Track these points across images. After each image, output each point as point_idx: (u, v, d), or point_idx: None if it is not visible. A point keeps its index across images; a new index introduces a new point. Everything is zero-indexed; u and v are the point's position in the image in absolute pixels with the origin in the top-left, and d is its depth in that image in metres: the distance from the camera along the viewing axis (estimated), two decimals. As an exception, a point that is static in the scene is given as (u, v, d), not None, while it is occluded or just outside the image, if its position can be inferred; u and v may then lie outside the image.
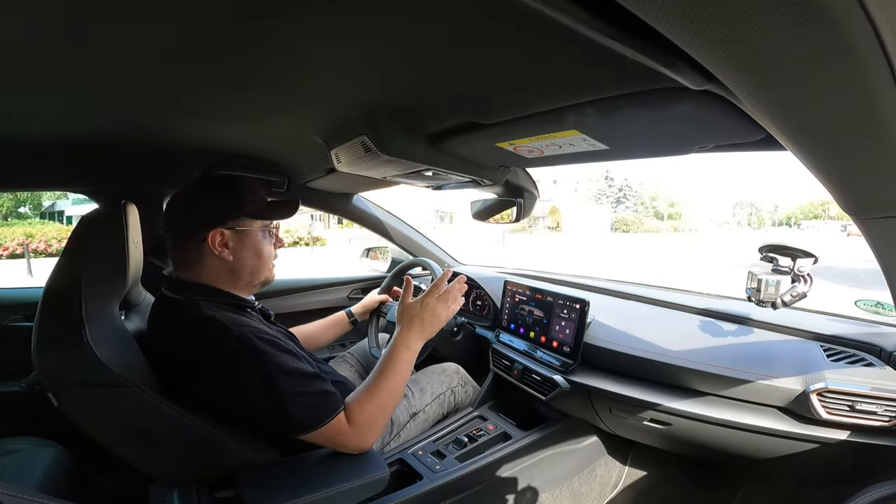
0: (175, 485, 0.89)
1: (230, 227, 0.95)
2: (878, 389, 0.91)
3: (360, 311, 1.54)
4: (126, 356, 0.86)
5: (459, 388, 1.44)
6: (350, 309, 1.54)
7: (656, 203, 58.55)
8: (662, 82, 0.53)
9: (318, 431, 0.88)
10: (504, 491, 1.29)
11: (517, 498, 1.30)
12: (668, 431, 1.14)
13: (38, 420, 1.21)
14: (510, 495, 1.29)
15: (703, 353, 1.12)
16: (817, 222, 53.46)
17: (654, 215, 56.48)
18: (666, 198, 61.46)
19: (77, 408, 0.84)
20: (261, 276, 1.01)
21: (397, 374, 0.99)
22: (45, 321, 0.83)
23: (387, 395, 0.97)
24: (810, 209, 66.08)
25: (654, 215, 56.48)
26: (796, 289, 1.02)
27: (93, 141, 1.06)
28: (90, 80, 0.69)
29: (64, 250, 0.89)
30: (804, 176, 2.30)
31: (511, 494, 1.30)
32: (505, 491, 1.29)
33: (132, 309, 1.09)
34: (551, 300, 1.39)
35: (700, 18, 0.31)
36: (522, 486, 1.32)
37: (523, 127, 0.76)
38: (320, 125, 0.95)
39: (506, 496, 1.29)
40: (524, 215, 1.39)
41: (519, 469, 1.30)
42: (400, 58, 0.59)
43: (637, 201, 52.48)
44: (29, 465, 1.07)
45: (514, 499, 1.30)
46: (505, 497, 1.29)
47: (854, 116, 0.42)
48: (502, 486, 1.28)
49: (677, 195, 63.69)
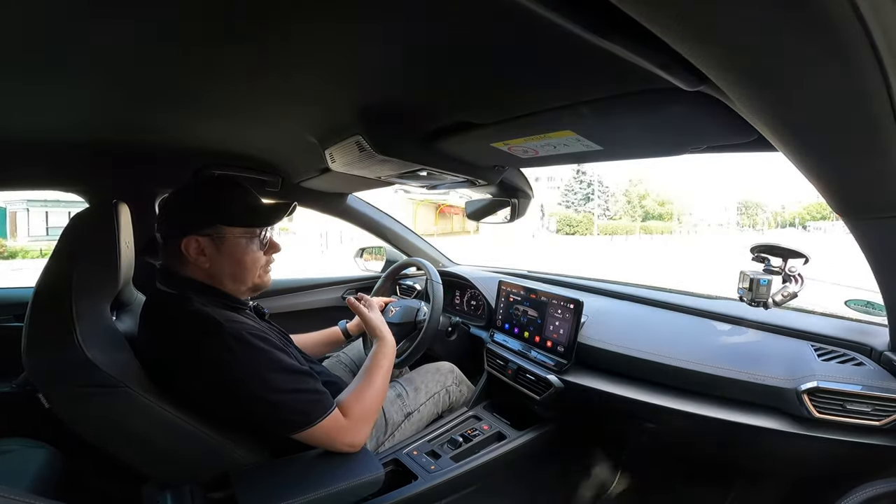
0: (168, 485, 0.89)
1: (206, 234, 0.93)
2: (869, 389, 0.92)
3: (354, 327, 1.50)
4: (117, 356, 0.85)
5: (454, 388, 1.44)
6: (345, 325, 1.50)
7: (645, 202, 56.89)
8: (656, 83, 0.53)
9: (310, 431, 0.88)
10: (499, 491, 1.29)
11: (512, 498, 1.30)
12: (662, 431, 1.14)
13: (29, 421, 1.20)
14: (505, 495, 1.30)
15: (696, 353, 1.13)
16: (825, 223, 50.53)
17: (643, 215, 54.66)
18: (656, 196, 59.06)
19: (68, 408, 0.83)
20: (246, 282, 0.99)
21: (383, 371, 1.08)
22: (36, 321, 0.82)
23: (378, 387, 1.04)
24: (818, 209, 64.60)
25: (643, 215, 54.66)
26: (787, 289, 1.03)
27: (86, 141, 1.05)
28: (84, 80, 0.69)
29: (54, 250, 0.88)
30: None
31: (506, 494, 1.30)
32: (500, 491, 1.29)
33: (123, 309, 1.08)
34: (545, 300, 1.39)
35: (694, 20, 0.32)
36: (517, 485, 1.32)
37: (518, 127, 0.77)
38: (314, 125, 0.95)
39: (500, 496, 1.29)
40: (519, 215, 1.39)
41: (514, 469, 1.31)
42: (395, 58, 0.59)
43: (609, 199, 49.84)
44: (19, 466, 1.06)
45: (508, 499, 1.30)
46: (500, 497, 1.29)
47: (845, 118, 0.42)
48: (497, 486, 1.28)
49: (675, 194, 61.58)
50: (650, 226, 48.61)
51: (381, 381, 1.06)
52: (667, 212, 58.54)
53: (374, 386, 1.03)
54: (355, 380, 1.05)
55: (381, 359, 1.10)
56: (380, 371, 1.07)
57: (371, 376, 1.05)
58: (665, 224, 53.04)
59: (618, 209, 52.89)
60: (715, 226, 62.33)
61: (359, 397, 0.99)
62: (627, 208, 54.34)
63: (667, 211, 58.76)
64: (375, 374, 1.06)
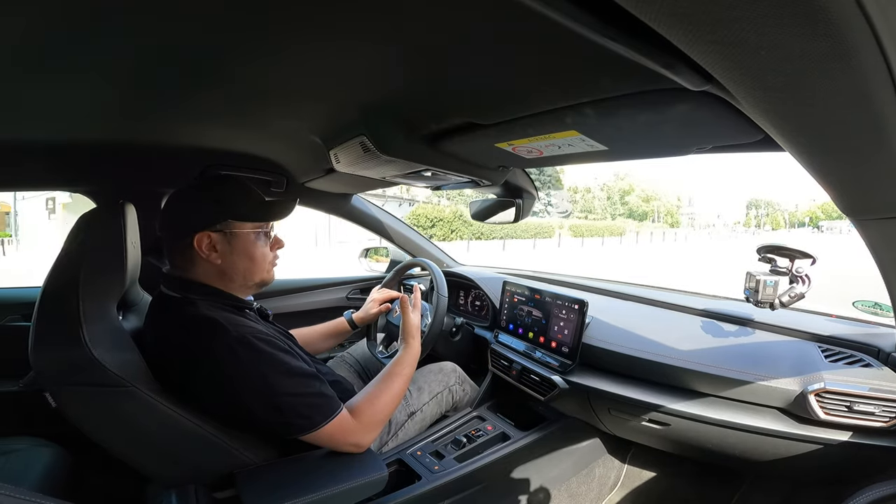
0: (173, 485, 0.89)
1: (218, 230, 0.94)
2: (876, 390, 0.91)
3: (360, 318, 1.49)
4: (124, 356, 0.86)
5: (457, 387, 1.44)
6: (350, 315, 1.49)
7: (628, 199, 53.66)
8: (661, 83, 0.53)
9: (317, 433, 0.88)
10: (503, 491, 1.29)
11: (516, 498, 1.30)
12: (667, 432, 1.14)
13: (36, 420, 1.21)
14: (509, 496, 1.29)
15: (702, 354, 1.12)
16: (841, 223, 45.64)
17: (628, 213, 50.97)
18: (641, 192, 55.26)
19: (75, 408, 0.84)
20: (255, 278, 1.00)
21: (403, 379, 1.08)
22: (43, 321, 0.83)
23: (392, 395, 1.04)
24: (833, 208, 61.85)
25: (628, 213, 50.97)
26: (794, 289, 1.02)
27: (92, 141, 1.06)
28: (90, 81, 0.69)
29: (62, 250, 0.89)
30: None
31: (510, 495, 1.30)
32: (504, 491, 1.29)
33: (130, 309, 1.09)
34: (550, 301, 1.39)
35: (699, 20, 0.31)
36: (521, 486, 1.32)
37: (522, 127, 0.76)
38: (319, 125, 0.95)
39: (504, 497, 1.29)
40: (523, 215, 1.39)
41: (517, 469, 1.30)
42: (399, 58, 0.59)
43: (552, 195, 43.77)
44: (26, 465, 1.07)
45: (512, 499, 1.30)
46: (504, 497, 1.29)
47: (852, 118, 0.42)
48: (501, 487, 1.28)
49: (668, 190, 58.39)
50: (582, 226, 37.99)
51: (399, 387, 1.06)
52: (651, 209, 54.38)
53: (390, 391, 1.04)
54: (373, 381, 1.05)
55: (405, 366, 1.10)
56: (400, 377, 1.07)
57: (391, 382, 1.05)
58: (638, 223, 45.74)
59: (593, 206, 49.46)
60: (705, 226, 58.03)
61: (373, 401, 1.00)
62: (607, 205, 51.23)
63: (651, 209, 54.54)
64: (395, 380, 1.06)
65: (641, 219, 52.96)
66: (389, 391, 1.03)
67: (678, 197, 64.04)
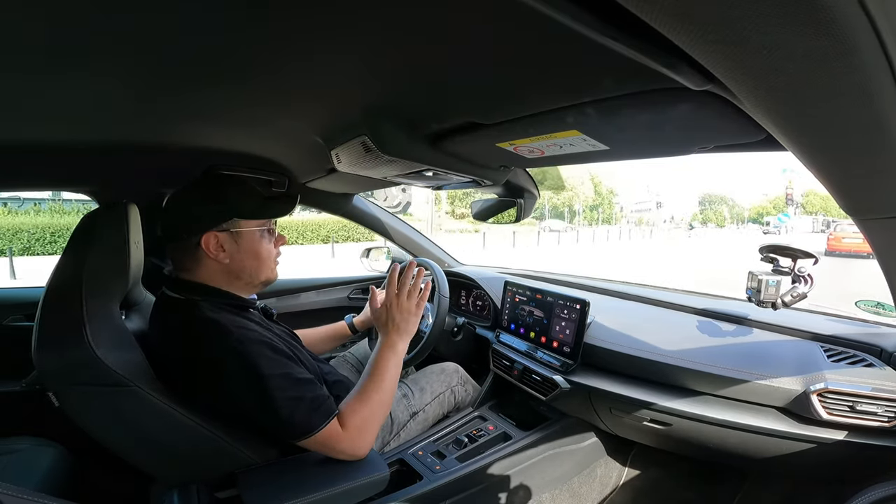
0: (175, 485, 0.89)
1: (224, 230, 0.94)
2: (879, 390, 0.91)
3: (361, 322, 1.48)
4: (126, 356, 0.86)
5: (459, 388, 1.44)
6: (351, 320, 1.48)
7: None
8: (663, 83, 0.53)
9: (314, 438, 0.88)
10: (504, 491, 1.29)
11: (517, 498, 1.30)
12: (668, 432, 1.14)
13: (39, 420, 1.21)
14: (510, 495, 1.29)
15: (704, 354, 1.12)
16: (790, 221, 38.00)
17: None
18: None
19: (78, 408, 0.84)
20: (261, 276, 1.01)
21: (385, 379, 0.99)
22: (46, 321, 0.83)
23: (377, 399, 0.97)
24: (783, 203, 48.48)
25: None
26: (797, 289, 1.02)
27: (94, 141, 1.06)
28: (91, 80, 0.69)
29: (65, 250, 0.89)
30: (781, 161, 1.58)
31: (511, 495, 1.30)
32: (505, 491, 1.29)
33: (133, 309, 1.09)
34: (551, 300, 1.39)
35: (700, 19, 0.31)
36: (522, 486, 1.32)
37: (524, 127, 0.76)
38: (320, 125, 0.95)
39: (506, 497, 1.29)
40: (525, 215, 1.39)
41: (519, 469, 1.30)
42: (400, 58, 0.59)
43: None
44: (29, 464, 1.07)
45: (514, 499, 1.30)
46: (505, 497, 1.29)
47: (855, 117, 0.42)
48: (502, 487, 1.28)
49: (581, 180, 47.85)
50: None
51: (388, 386, 0.99)
52: (561, 202, 46.73)
53: (377, 392, 0.97)
54: (356, 386, 0.99)
55: (388, 354, 1.02)
56: (383, 376, 0.99)
57: (374, 382, 0.98)
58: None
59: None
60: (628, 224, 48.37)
61: (355, 407, 0.94)
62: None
63: (561, 202, 46.67)
64: (378, 379, 0.98)
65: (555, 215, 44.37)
66: (376, 392, 0.97)
67: (610, 189, 59.14)
